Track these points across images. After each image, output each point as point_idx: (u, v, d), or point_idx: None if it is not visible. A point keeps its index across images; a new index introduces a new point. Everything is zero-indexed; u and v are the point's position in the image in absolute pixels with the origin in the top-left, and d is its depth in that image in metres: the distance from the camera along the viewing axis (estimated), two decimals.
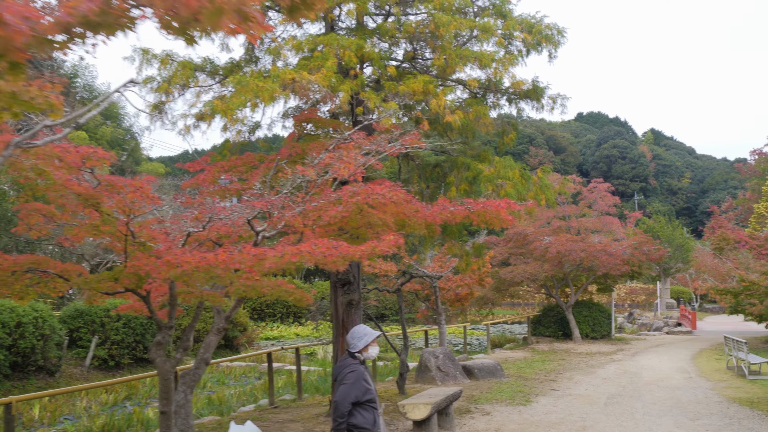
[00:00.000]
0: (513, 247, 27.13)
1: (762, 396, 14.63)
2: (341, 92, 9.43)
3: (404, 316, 14.03)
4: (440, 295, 19.18)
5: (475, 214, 9.37)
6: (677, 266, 41.04)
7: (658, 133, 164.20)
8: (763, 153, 60.02)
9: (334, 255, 6.61)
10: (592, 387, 16.09)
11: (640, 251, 26.23)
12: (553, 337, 27.81)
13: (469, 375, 16.92)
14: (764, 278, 13.00)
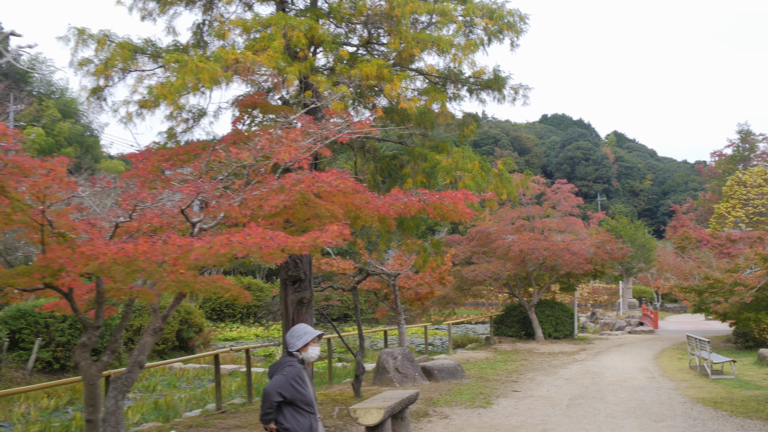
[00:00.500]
0: (476, 245, 26.68)
1: (725, 396, 14.33)
2: (289, 75, 8.79)
3: (363, 317, 13.42)
4: (400, 294, 18.62)
5: (431, 207, 8.83)
6: (639, 266, 41.08)
7: (620, 136, 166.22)
8: (723, 155, 60.79)
9: (270, 246, 5.99)
10: (555, 388, 15.66)
11: (603, 250, 25.96)
12: (516, 337, 27.44)
13: (429, 376, 16.38)
14: (728, 276, 12.65)
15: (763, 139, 59.44)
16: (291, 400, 5.71)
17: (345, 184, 7.31)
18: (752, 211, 42.84)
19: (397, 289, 17.77)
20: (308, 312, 11.16)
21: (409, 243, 11.61)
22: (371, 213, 8.46)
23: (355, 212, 8.48)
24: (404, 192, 8.54)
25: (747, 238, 26.81)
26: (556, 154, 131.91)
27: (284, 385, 5.69)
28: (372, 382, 15.88)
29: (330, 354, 16.87)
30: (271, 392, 5.67)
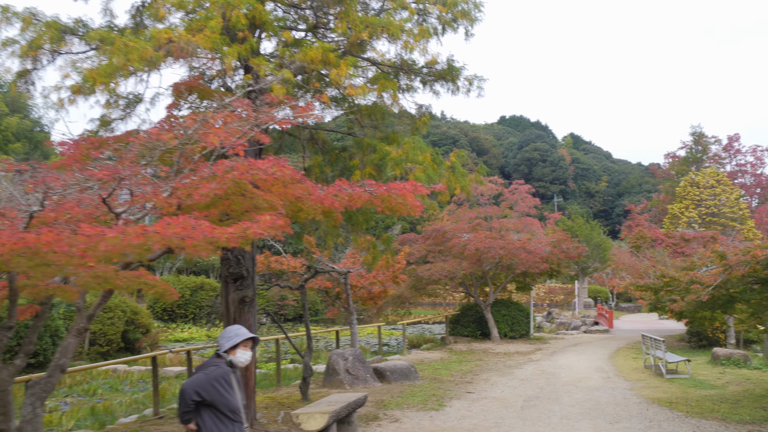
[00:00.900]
0: (431, 244, 26.28)
1: (680, 396, 14.12)
2: (227, 56, 8.19)
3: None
4: (352, 293, 18.08)
5: (379, 199, 8.31)
6: (595, 266, 41.22)
7: (577, 138, 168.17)
8: (676, 156, 61.68)
9: (194, 237, 5.40)
10: (509, 389, 15.30)
11: (559, 249, 25.77)
12: (472, 337, 27.11)
13: (381, 378, 15.88)
14: (684, 274, 12.40)
15: (715, 142, 60.48)
16: (211, 402, 5.14)
17: (282, 173, 6.75)
18: (705, 212, 43.39)
19: (349, 288, 17.22)
20: (251, 311, 10.55)
21: (358, 239, 11.08)
22: (314, 205, 7.91)
23: (297, 204, 7.92)
24: (350, 183, 8.01)
25: (700, 237, 26.97)
26: (514, 155, 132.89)
27: (204, 385, 5.13)
28: (322, 384, 15.32)
29: (278, 355, 16.26)
30: (187, 390, 5.12)
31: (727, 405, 12.98)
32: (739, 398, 13.74)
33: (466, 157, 11.24)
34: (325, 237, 12.03)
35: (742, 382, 15.88)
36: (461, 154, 11.07)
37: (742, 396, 14.00)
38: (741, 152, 60.36)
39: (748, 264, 11.44)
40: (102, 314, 23.69)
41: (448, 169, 10.80)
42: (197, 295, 42.38)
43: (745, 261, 11.36)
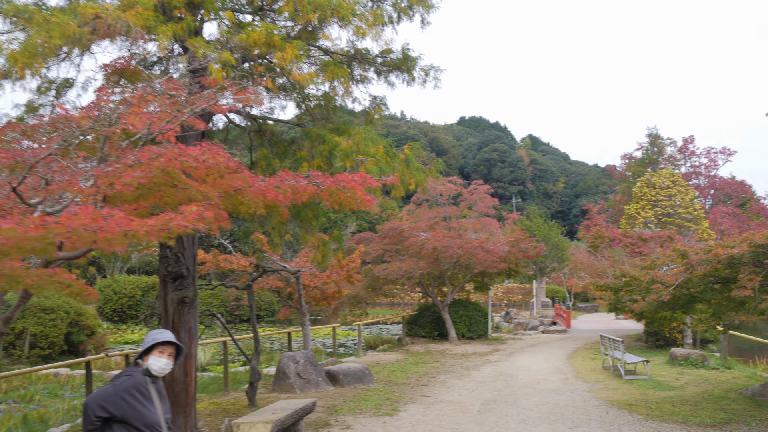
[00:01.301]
0: (388, 243, 25.74)
1: (639, 398, 13.81)
2: (160, 35, 7.51)
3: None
4: (305, 293, 17.42)
5: (326, 192, 7.73)
6: (553, 265, 41.17)
7: (535, 139, 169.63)
8: (633, 157, 62.23)
9: (108, 230, 4.75)
10: (466, 392, 14.83)
11: (518, 248, 25.46)
12: (429, 338, 26.65)
13: (334, 381, 15.28)
14: (645, 274, 12.06)
15: (671, 143, 61.17)
16: (122, 418, 4.48)
17: (216, 160, 6.12)
18: (660, 212, 43.67)
19: (302, 288, 16.56)
20: (191, 313, 9.86)
21: (307, 237, 10.46)
22: (255, 198, 7.28)
23: (237, 197, 7.29)
24: (294, 175, 7.40)
25: (658, 237, 26.93)
26: (473, 156, 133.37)
27: (111, 398, 4.47)
28: (272, 389, 14.67)
29: (226, 358, 15.54)
30: (90, 405, 4.46)
31: (687, 407, 12.69)
32: (698, 400, 13.47)
33: (420, 150, 10.63)
34: (272, 234, 11.37)
35: (701, 383, 15.67)
36: (416, 147, 10.51)
37: (701, 397, 13.74)
38: (695, 154, 61.16)
39: (709, 263, 11.13)
40: (43, 315, 22.64)
41: (402, 163, 10.25)
42: (149, 296, 41.19)
43: (707, 260, 11.05)
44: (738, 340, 22.03)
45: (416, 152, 10.31)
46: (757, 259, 11.16)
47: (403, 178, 10.05)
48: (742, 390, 14.30)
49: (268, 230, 11.51)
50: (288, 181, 7.25)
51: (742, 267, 11.25)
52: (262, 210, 7.68)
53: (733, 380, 16.01)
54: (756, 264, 11.23)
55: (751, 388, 13.97)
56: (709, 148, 60.50)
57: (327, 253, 10.80)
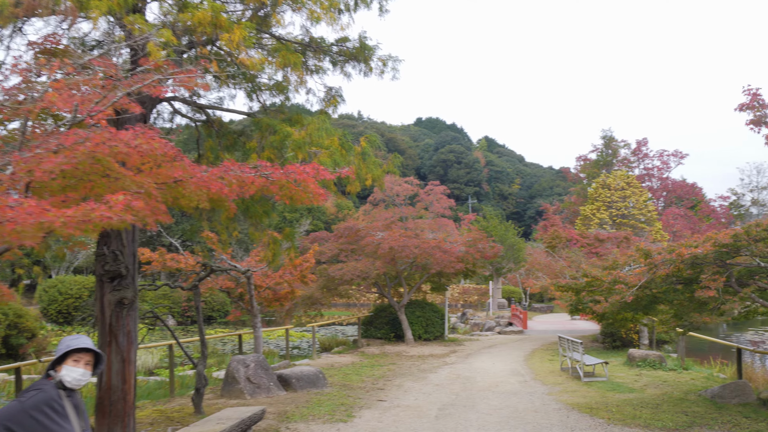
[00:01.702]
0: (344, 243, 25.16)
1: (600, 401, 13.52)
2: (92, 10, 6.84)
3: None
4: (256, 293, 16.76)
5: (276, 185, 7.16)
6: (509, 266, 41.10)
7: (491, 141, 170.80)
8: (588, 159, 62.79)
9: (19, 220, 4.12)
10: (423, 395, 14.36)
11: (475, 248, 25.12)
12: (385, 339, 26.15)
13: (286, 386, 14.67)
14: (607, 274, 11.74)
15: (625, 146, 61.84)
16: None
17: (150, 146, 5.50)
18: (615, 213, 44.03)
19: (253, 289, 15.89)
20: (131, 315, 9.16)
21: (257, 234, 9.84)
22: (197, 190, 6.67)
23: (177, 189, 6.68)
24: (240, 165, 6.82)
25: (614, 237, 26.92)
26: (430, 157, 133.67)
27: (17, 416, 3.84)
28: (220, 394, 13.98)
29: (171, 362, 14.79)
30: None
31: (648, 410, 12.42)
32: (658, 402, 13.24)
33: (378, 142, 10.10)
34: (220, 231, 10.72)
35: (660, 385, 15.48)
36: (373, 139, 9.96)
37: (661, 400, 13.51)
38: (648, 156, 61.99)
39: (672, 263, 10.85)
40: None
41: (358, 156, 9.72)
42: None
43: (670, 260, 10.76)
44: (693, 341, 22.04)
45: (373, 144, 9.78)
46: (720, 259, 10.93)
47: (359, 173, 9.51)
48: (701, 392, 14.12)
49: (215, 227, 10.84)
50: (233, 171, 6.66)
51: (705, 267, 11.02)
52: (206, 204, 7.07)
53: (692, 382, 15.87)
54: (719, 264, 11.01)
55: (710, 390, 13.80)
56: (662, 151, 61.43)
57: (278, 252, 10.20)
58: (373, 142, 9.82)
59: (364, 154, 9.80)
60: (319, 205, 7.33)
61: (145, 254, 16.13)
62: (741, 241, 10.39)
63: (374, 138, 9.94)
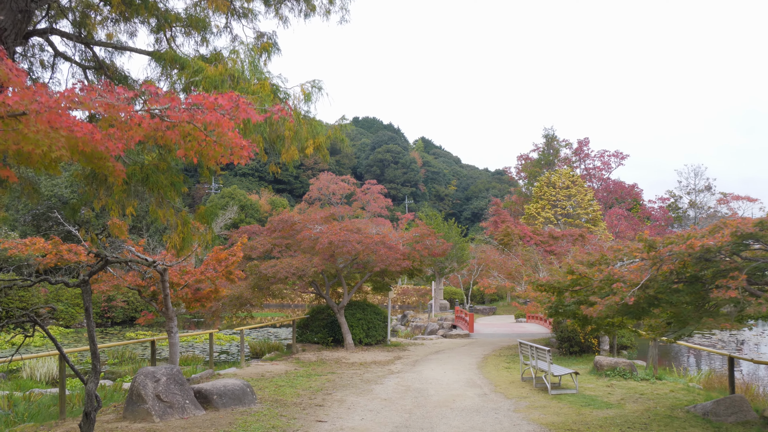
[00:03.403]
0: (278, 237, 22.67)
1: (577, 419, 11.51)
2: None
3: (94, 322, 8.93)
4: (173, 293, 14.17)
5: (177, 131, 4.81)
6: (451, 266, 39.20)
7: (428, 142, 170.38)
8: (529, 158, 61.67)
9: None
10: (371, 414, 12.08)
11: (422, 245, 23.00)
12: (323, 344, 23.74)
13: (206, 404, 12.17)
14: (596, 270, 9.72)
15: (566, 145, 60.98)
16: None
17: None
18: (560, 212, 42.73)
19: (167, 287, 13.27)
20: None
21: (159, 211, 7.42)
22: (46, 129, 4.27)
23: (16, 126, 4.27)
24: (124, 90, 4.42)
25: (569, 235, 25.25)
26: (366, 156, 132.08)
27: None
28: (122, 416, 11.39)
29: (63, 376, 12.08)
30: None
31: (637, 431, 10.48)
32: (645, 421, 11.31)
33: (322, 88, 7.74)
34: (108, 206, 8.20)
35: (638, 398, 13.59)
36: (318, 85, 7.63)
37: (647, 418, 11.59)
38: (590, 156, 61.25)
39: (679, 257, 8.90)
40: None
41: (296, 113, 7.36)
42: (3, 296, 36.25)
43: (679, 253, 8.80)
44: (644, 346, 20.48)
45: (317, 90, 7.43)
46: (736, 252, 9.02)
47: (298, 132, 7.17)
48: (689, 407, 12.28)
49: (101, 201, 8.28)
50: (104, 99, 4.26)
51: (716, 262, 9.12)
52: (65, 154, 4.65)
53: (672, 394, 14.05)
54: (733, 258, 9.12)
55: (701, 406, 11.95)
56: (603, 151, 60.76)
57: (189, 237, 7.78)
58: (317, 87, 7.47)
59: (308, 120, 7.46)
60: (240, 163, 5.36)
61: (37, 244, 13.39)
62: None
63: (318, 85, 7.59)
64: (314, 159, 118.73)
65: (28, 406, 13.25)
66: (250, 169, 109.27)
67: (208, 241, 8.54)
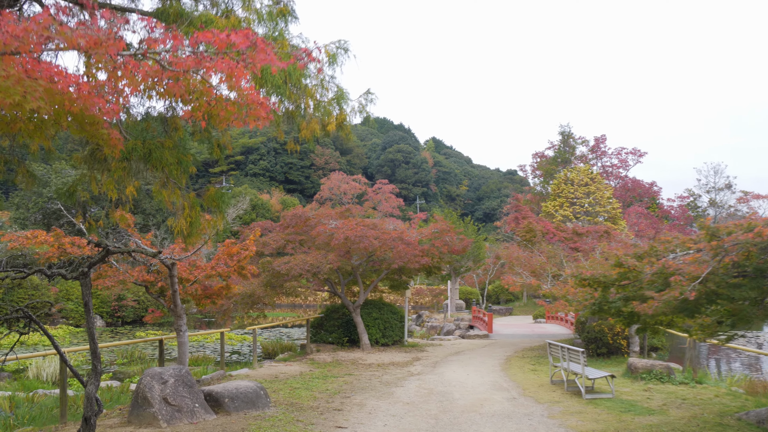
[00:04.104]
0: (291, 233, 21.80)
1: (619, 426, 10.58)
2: None
3: (93, 316, 8.09)
4: (181, 288, 13.33)
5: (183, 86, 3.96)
6: (467, 265, 38.27)
7: (438, 142, 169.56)
8: (544, 156, 60.57)
9: None
10: (394, 420, 11.19)
11: (442, 241, 22.08)
12: (338, 344, 22.87)
13: (217, 407, 11.31)
14: (647, 263, 8.77)
15: (582, 142, 59.88)
16: None
17: None
18: (579, 210, 41.71)
19: (176, 282, 12.42)
20: None
21: (163, 192, 6.56)
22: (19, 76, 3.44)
23: None
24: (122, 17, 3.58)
25: (594, 231, 24.27)
26: (377, 156, 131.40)
27: None
28: (127, 420, 10.55)
29: (64, 377, 11.26)
30: None
31: None
32: (695, 429, 10.36)
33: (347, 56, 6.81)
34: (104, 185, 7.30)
35: (681, 404, 12.63)
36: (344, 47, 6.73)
37: (696, 426, 10.63)
38: (606, 154, 60.08)
39: (744, 247, 7.95)
40: None
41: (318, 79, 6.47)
42: (14, 294, 35.68)
43: (744, 243, 7.86)
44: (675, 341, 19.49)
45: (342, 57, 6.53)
46: None
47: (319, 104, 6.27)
48: (739, 414, 11.31)
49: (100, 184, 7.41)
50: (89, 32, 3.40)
51: None
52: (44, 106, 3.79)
53: (717, 400, 13.07)
54: None
55: (754, 413, 10.98)
56: (620, 148, 59.57)
57: (197, 221, 6.90)
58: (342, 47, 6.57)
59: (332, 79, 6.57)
60: (258, 126, 4.68)
61: (39, 237, 12.60)
62: None
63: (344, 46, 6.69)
64: (324, 159, 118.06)
65: (31, 408, 12.47)
66: (261, 169, 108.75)
67: (218, 228, 7.67)
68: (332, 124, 7.03)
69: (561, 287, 18.04)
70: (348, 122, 7.29)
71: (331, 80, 6.40)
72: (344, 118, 7.18)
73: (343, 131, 7.48)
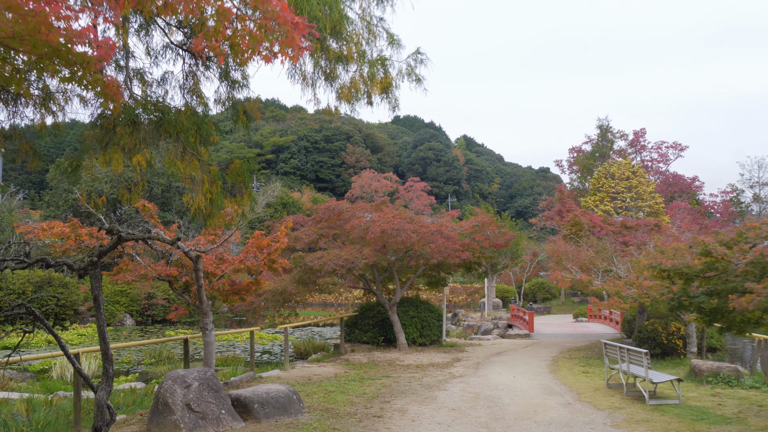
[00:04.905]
0: (324, 227, 20.77)
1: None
2: None
3: (104, 316, 7.10)
4: (207, 284, 12.35)
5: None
6: (505, 262, 36.96)
7: (469, 140, 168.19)
8: (582, 150, 58.94)
9: None
10: (441, 428, 10.08)
11: (483, 235, 20.89)
12: (373, 344, 21.79)
13: (245, 414, 10.30)
14: (737, 251, 7.55)
15: (621, 137, 58.17)
16: None
17: None
18: (620, 205, 40.20)
19: (201, 277, 11.42)
20: None
21: (178, 163, 5.52)
22: None
23: None
24: None
25: (644, 225, 22.92)
26: (408, 155, 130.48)
27: None
28: (146, 429, 9.58)
29: (77, 381, 10.34)
30: None
31: None
32: None
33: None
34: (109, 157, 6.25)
35: (759, 412, 11.32)
36: None
37: None
38: (646, 148, 58.23)
39: None
40: None
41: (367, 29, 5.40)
42: (43, 292, 35.24)
43: None
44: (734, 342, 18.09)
45: None
46: None
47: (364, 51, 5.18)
48: None
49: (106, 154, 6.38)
50: None
51: None
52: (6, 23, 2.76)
53: None
54: None
55: None
56: (661, 142, 57.67)
57: (219, 199, 5.86)
58: None
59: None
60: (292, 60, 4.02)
61: (56, 228, 11.72)
62: None
63: None
64: (355, 157, 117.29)
65: (48, 413, 11.59)
66: (292, 168, 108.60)
67: (245, 208, 6.61)
68: (377, 87, 5.94)
69: (614, 282, 16.81)
70: (394, 85, 6.21)
71: (379, 23, 5.33)
72: (389, 82, 6.09)
73: (388, 98, 6.40)
